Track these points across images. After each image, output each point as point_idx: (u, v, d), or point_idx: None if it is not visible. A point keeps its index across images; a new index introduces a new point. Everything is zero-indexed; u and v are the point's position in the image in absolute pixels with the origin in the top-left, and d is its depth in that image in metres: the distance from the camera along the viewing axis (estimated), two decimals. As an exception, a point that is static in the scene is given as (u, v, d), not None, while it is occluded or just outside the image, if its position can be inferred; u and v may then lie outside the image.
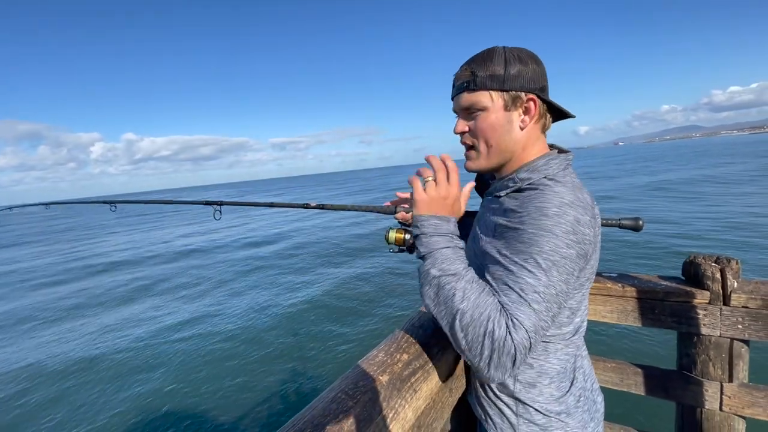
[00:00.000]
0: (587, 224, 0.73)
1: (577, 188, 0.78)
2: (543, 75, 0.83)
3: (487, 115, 0.83)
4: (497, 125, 0.83)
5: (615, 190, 20.38)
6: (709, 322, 1.29)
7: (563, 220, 0.71)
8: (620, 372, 1.50)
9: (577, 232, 0.71)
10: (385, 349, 0.85)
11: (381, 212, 1.27)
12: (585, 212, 0.73)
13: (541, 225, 0.71)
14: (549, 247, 0.70)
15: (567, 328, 0.84)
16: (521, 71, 0.80)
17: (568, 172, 0.82)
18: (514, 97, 0.81)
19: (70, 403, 5.05)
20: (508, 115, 0.83)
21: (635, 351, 4.78)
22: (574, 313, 0.84)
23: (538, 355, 0.85)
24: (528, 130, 0.84)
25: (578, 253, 0.72)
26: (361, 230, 14.89)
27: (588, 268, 0.79)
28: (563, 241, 0.70)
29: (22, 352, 6.79)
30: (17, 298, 10.17)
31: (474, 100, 0.83)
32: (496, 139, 0.84)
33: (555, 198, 0.74)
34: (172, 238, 17.65)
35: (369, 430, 0.64)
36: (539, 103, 0.83)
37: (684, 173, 26.56)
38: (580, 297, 0.83)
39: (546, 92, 0.84)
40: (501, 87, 0.81)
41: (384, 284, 8.43)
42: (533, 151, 0.85)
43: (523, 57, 0.81)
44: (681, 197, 16.30)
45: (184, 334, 6.82)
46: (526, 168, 0.83)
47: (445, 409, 0.95)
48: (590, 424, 0.88)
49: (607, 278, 1.51)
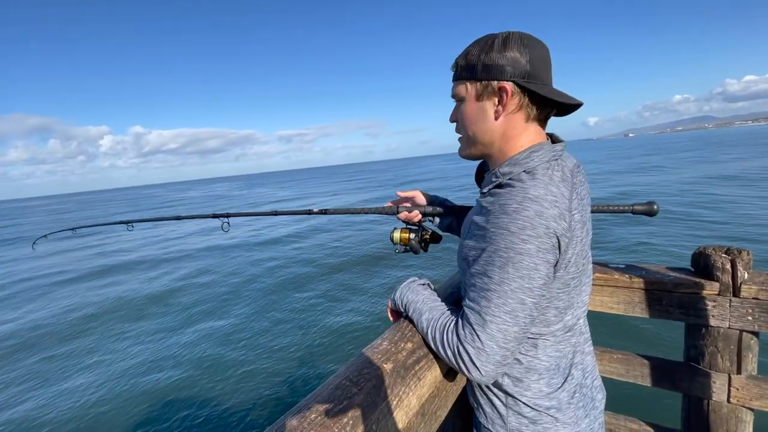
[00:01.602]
0: (553, 217, 0.70)
1: (554, 182, 0.75)
2: (532, 61, 0.77)
3: (464, 106, 0.86)
4: (471, 115, 0.84)
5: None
6: (718, 313, 1.28)
7: (520, 216, 0.70)
8: (626, 363, 1.50)
9: (537, 226, 0.69)
10: (389, 338, 0.86)
11: (383, 213, 1.27)
12: (552, 205, 0.71)
13: (499, 223, 0.72)
14: (504, 243, 0.71)
15: (556, 326, 0.83)
16: (496, 59, 0.77)
17: (553, 164, 0.78)
18: (485, 86, 0.80)
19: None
20: (480, 105, 0.82)
21: (641, 342, 4.76)
22: (563, 311, 0.82)
23: (526, 351, 0.84)
24: (506, 120, 0.81)
25: (538, 247, 0.70)
26: (369, 225, 14.87)
27: (567, 263, 0.76)
28: (518, 237, 0.70)
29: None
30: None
31: (454, 91, 0.87)
32: (472, 129, 0.85)
33: (519, 194, 0.72)
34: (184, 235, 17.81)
35: (373, 416, 0.65)
36: (512, 91, 0.78)
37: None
38: (566, 296, 0.80)
39: (533, 79, 0.78)
40: (473, 76, 0.81)
41: (389, 277, 8.47)
42: (518, 143, 0.82)
43: (509, 43, 0.77)
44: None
45: (195, 326, 6.95)
46: (508, 162, 0.81)
47: (449, 398, 0.96)
48: (584, 420, 0.87)
49: (614, 269, 1.49)
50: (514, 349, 0.74)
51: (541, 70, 0.79)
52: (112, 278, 11.07)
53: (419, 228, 1.25)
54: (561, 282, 0.78)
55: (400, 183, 40.06)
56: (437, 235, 1.27)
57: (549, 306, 0.80)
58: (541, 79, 0.79)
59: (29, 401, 5.11)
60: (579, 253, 0.78)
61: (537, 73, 0.78)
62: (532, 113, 0.82)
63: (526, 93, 0.79)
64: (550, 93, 0.78)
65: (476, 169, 1.07)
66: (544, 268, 0.72)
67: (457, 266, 0.97)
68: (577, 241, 0.76)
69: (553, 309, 0.81)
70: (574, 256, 0.77)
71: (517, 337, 0.73)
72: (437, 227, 1.31)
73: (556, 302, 0.80)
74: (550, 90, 0.80)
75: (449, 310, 0.86)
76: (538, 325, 0.82)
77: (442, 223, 1.28)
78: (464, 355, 0.74)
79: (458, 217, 1.27)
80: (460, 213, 1.23)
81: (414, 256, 1.62)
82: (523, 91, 0.79)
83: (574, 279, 0.80)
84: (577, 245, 0.77)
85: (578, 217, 0.77)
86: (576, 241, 0.76)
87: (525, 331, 0.74)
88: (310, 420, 0.60)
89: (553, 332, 0.83)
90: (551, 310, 0.81)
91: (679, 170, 24.22)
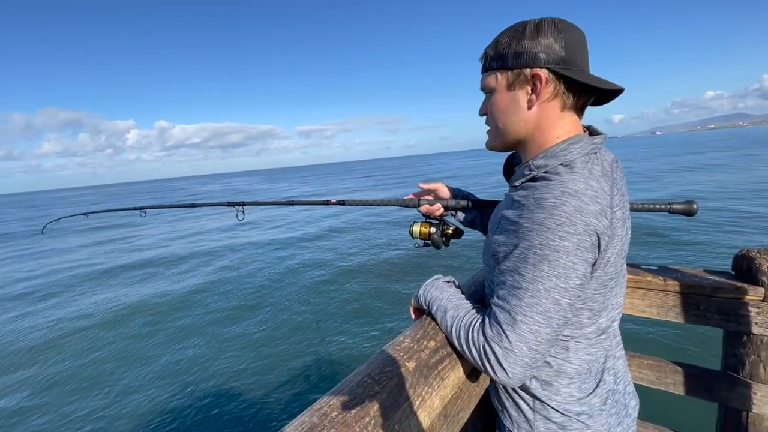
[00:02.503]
0: (593, 213, 0.66)
1: (594, 176, 0.70)
2: (567, 47, 0.72)
3: (495, 97, 0.81)
4: (502, 106, 0.80)
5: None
6: (762, 320, 1.20)
7: (558, 211, 0.66)
8: (657, 370, 1.43)
9: (576, 222, 0.65)
10: (411, 335, 0.83)
11: (404, 206, 1.23)
12: (593, 201, 0.67)
13: (534, 218, 0.68)
14: (539, 240, 0.67)
15: (589, 329, 0.79)
16: (528, 46, 0.73)
17: (592, 158, 0.74)
18: (517, 75, 0.76)
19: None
20: (512, 94, 0.78)
21: (671, 348, 4.57)
22: (597, 313, 0.78)
23: (557, 354, 0.80)
24: (540, 110, 0.77)
25: (577, 245, 0.66)
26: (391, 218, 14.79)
27: (605, 263, 0.72)
28: (555, 233, 0.65)
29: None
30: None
31: (483, 83, 0.83)
32: (503, 120, 0.81)
33: (557, 188, 0.68)
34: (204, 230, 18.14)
35: (395, 416, 0.63)
36: (546, 78, 0.73)
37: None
38: (602, 297, 0.76)
39: (569, 65, 0.73)
40: (503, 65, 0.77)
41: (411, 273, 8.43)
42: (555, 134, 0.77)
43: (541, 29, 0.73)
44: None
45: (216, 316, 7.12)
46: (543, 154, 0.76)
47: (471, 400, 0.93)
48: (617, 428, 0.82)
49: (647, 270, 1.42)
50: (544, 352, 0.70)
51: (577, 56, 0.74)
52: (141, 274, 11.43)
53: (440, 222, 1.21)
54: (598, 283, 0.74)
55: (419, 179, 39.83)
56: (459, 230, 1.23)
57: (583, 307, 0.76)
58: (578, 65, 0.74)
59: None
60: (618, 252, 0.73)
61: (573, 59, 0.73)
62: (569, 101, 0.77)
63: (562, 80, 0.74)
64: (587, 78, 0.73)
65: (505, 162, 1.02)
66: (582, 267, 0.68)
67: (482, 263, 0.93)
68: (617, 239, 0.72)
69: (588, 311, 0.77)
70: (614, 255, 0.72)
71: (549, 340, 0.69)
72: (459, 222, 1.27)
73: (591, 303, 0.76)
74: (588, 76, 0.74)
75: (474, 309, 0.83)
76: (571, 327, 0.78)
77: (465, 218, 1.24)
78: (490, 355, 0.71)
79: (482, 212, 1.22)
80: (485, 208, 1.19)
81: (432, 252, 1.59)
82: (559, 78, 0.74)
83: (612, 280, 0.75)
84: (617, 244, 0.72)
85: (619, 214, 0.72)
86: (616, 239, 0.72)
87: (557, 334, 0.70)
88: (332, 418, 0.58)
89: (586, 335, 0.79)
90: (585, 312, 0.77)
91: (744, 169, 22.40)
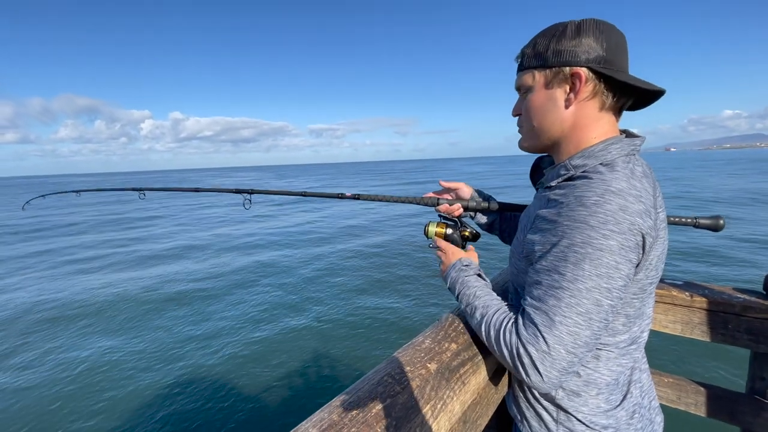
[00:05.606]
0: (638, 213, 0.63)
1: (637, 176, 0.67)
2: (609, 48, 0.71)
3: (532, 96, 0.80)
4: (538, 104, 0.79)
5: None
6: (795, 343, 1.14)
7: (601, 209, 0.63)
8: (678, 389, 1.37)
9: (621, 221, 0.62)
10: (431, 336, 0.80)
11: (421, 204, 1.19)
12: (637, 200, 0.64)
13: (576, 216, 0.65)
14: (581, 238, 0.63)
15: (622, 336, 0.76)
16: (567, 45, 0.72)
17: (633, 159, 0.72)
18: (556, 73, 0.74)
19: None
20: (549, 93, 0.76)
21: (693, 367, 4.43)
22: (632, 321, 0.75)
23: (587, 363, 0.77)
24: (577, 109, 0.75)
25: (621, 244, 0.63)
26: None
27: (648, 266, 0.69)
28: (599, 231, 0.62)
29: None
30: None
31: (520, 81, 0.82)
32: (539, 119, 0.79)
33: (600, 186, 0.65)
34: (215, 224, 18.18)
35: (417, 419, 0.60)
36: (586, 77, 0.72)
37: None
38: (639, 303, 0.73)
39: (610, 65, 0.71)
40: (542, 64, 0.76)
41: (430, 274, 8.36)
42: (592, 135, 0.75)
43: (582, 29, 0.72)
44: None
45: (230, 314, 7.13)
46: (581, 154, 0.74)
47: (490, 407, 0.90)
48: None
49: (671, 285, 1.37)
50: (582, 355, 0.66)
51: (617, 57, 0.72)
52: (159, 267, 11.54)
53: (457, 223, 1.16)
54: (638, 287, 0.70)
55: (432, 184, 39.56)
56: (476, 233, 1.18)
57: (620, 313, 0.73)
58: (618, 66, 0.72)
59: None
60: (659, 255, 0.70)
61: (613, 60, 0.72)
62: (608, 101, 0.74)
63: (602, 79, 0.73)
64: (628, 78, 0.71)
65: (532, 165, 0.99)
66: (626, 267, 0.64)
67: (509, 266, 0.89)
68: (660, 242, 0.69)
69: (624, 317, 0.73)
70: (656, 258, 0.69)
71: (588, 343, 0.65)
72: (477, 225, 1.23)
73: (628, 309, 0.73)
74: (628, 76, 0.73)
75: (506, 306, 0.80)
76: (604, 334, 0.74)
77: (484, 221, 1.20)
78: (525, 357, 0.67)
79: (502, 216, 1.19)
80: (509, 211, 1.15)
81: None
82: (599, 77, 0.72)
83: (652, 284, 0.73)
84: (660, 246, 0.69)
85: (663, 216, 0.69)
86: (660, 242, 0.69)
87: (597, 337, 0.66)
88: (352, 416, 0.56)
89: (617, 343, 0.76)
90: (621, 318, 0.74)
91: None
